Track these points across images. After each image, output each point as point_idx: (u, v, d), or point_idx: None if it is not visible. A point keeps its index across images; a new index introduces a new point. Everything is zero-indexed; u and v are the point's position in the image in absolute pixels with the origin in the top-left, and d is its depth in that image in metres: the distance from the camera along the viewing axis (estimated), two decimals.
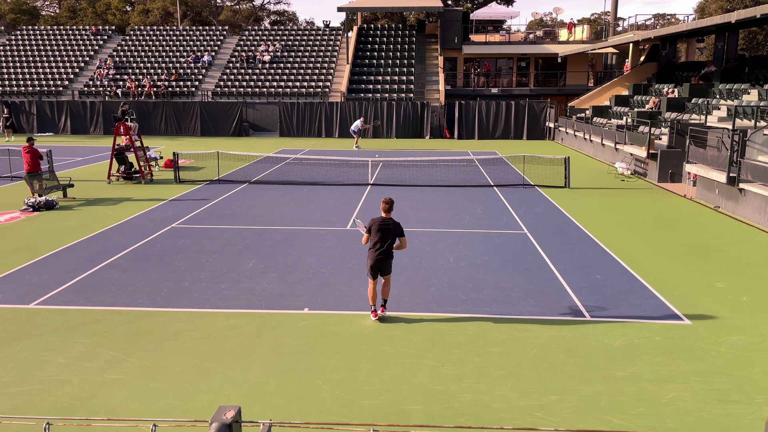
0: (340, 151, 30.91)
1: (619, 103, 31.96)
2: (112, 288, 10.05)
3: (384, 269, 8.64)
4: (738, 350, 7.85)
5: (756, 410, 6.41)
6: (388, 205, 8.70)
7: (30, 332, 8.31)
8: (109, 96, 41.78)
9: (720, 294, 9.97)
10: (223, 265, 11.33)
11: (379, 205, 16.97)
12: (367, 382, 6.97)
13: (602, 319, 8.82)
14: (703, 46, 48.73)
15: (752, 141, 16.08)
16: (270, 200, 17.63)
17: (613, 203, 17.58)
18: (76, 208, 16.58)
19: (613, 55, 48.80)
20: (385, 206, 8.69)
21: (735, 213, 16.03)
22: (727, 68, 27.96)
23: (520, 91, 44.54)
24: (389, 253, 8.58)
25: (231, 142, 35.56)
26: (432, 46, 45.64)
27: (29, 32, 49.85)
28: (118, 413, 6.28)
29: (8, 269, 11.02)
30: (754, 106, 19.75)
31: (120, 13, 74.20)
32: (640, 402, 6.56)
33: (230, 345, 7.94)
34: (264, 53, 45.01)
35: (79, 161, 26.65)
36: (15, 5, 73.91)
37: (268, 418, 6.18)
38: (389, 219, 8.63)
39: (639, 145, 22.89)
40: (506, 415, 6.31)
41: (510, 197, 18.25)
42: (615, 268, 11.30)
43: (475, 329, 8.45)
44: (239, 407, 3.68)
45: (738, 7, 50.49)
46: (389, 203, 8.72)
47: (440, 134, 39.28)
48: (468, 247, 12.66)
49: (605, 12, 74.77)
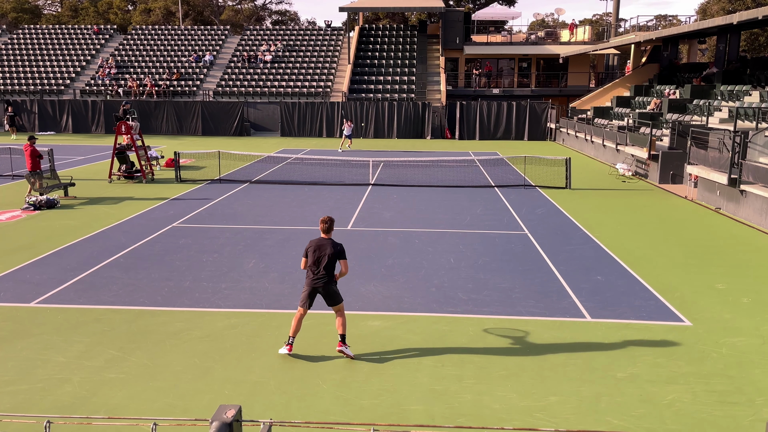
0: (341, 151, 30.91)
1: (621, 104, 31.95)
2: (113, 287, 10.05)
3: (330, 298, 7.60)
4: (738, 352, 7.85)
5: (756, 412, 6.41)
6: (327, 224, 7.66)
7: (30, 331, 8.32)
8: (110, 95, 41.81)
9: (721, 295, 9.97)
10: (223, 264, 11.33)
11: (379, 206, 17.08)
12: (367, 382, 6.97)
13: (603, 320, 8.81)
14: (705, 47, 48.73)
15: (753, 142, 16.07)
16: (271, 200, 17.64)
17: (614, 204, 17.57)
18: (77, 207, 16.59)
19: (615, 56, 48.77)
20: (324, 226, 7.67)
21: (736, 214, 16.02)
22: (729, 70, 27.93)
23: (522, 91, 44.53)
24: (330, 279, 7.55)
25: (232, 142, 35.57)
26: (433, 47, 45.64)
27: (31, 31, 49.88)
28: (118, 412, 6.28)
29: (9, 268, 11.03)
30: (756, 108, 19.74)
31: (122, 12, 74.23)
32: (640, 403, 6.56)
33: (231, 344, 7.94)
34: (265, 53, 45.02)
35: (81, 160, 26.66)
36: (17, 4, 73.97)
37: (269, 417, 6.19)
38: (328, 240, 7.61)
39: (640, 146, 22.88)
40: (506, 416, 6.31)
41: (511, 198, 18.25)
42: (615, 269, 11.29)
43: (475, 330, 8.45)
44: (240, 406, 3.68)
45: (740, 9, 50.46)
46: (327, 222, 7.67)
47: (441, 135, 39.28)
48: (469, 247, 12.65)
49: (607, 13, 74.79)
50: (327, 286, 7.55)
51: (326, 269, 7.53)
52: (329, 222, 7.68)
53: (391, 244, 12.82)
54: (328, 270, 7.54)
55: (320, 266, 7.51)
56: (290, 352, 7.60)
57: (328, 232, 7.66)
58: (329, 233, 7.67)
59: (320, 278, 7.53)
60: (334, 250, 7.52)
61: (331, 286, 7.59)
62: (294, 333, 7.62)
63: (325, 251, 7.51)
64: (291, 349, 7.61)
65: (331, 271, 7.57)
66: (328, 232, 7.66)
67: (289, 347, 7.61)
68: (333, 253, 7.51)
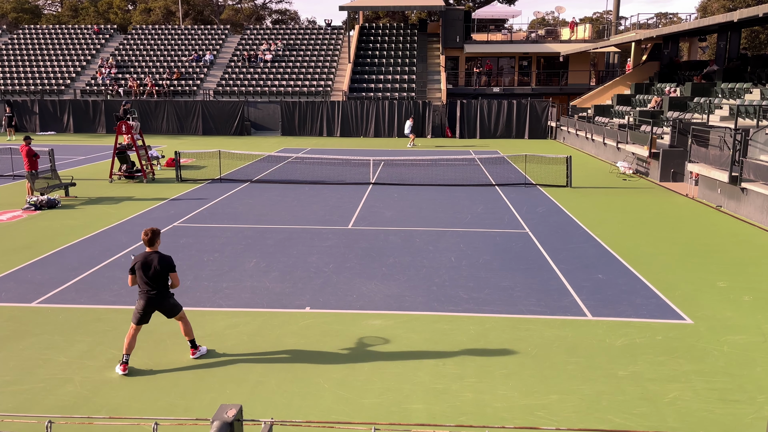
0: (342, 150, 30.91)
1: (621, 103, 31.92)
2: (114, 287, 10.06)
3: (168, 311, 7.31)
4: (740, 350, 7.84)
5: (758, 410, 6.40)
6: (149, 236, 7.20)
7: (32, 331, 8.32)
8: (110, 95, 41.81)
9: (722, 293, 9.96)
10: (224, 264, 11.33)
11: (380, 205, 17.09)
12: (368, 381, 6.97)
13: (604, 319, 8.81)
14: (706, 45, 48.68)
15: (754, 140, 16.06)
16: (271, 199, 17.64)
17: (614, 202, 17.56)
18: (78, 206, 16.59)
19: (615, 54, 48.73)
20: (146, 238, 7.21)
21: (737, 212, 16.01)
22: (730, 67, 27.90)
23: (522, 90, 44.50)
24: (164, 293, 7.22)
25: (232, 141, 35.57)
26: (434, 45, 45.61)
27: (31, 31, 49.88)
28: (119, 412, 6.29)
29: (10, 268, 11.04)
30: (757, 106, 19.71)
31: (122, 12, 74.21)
32: (641, 401, 6.55)
33: (232, 344, 7.94)
34: (266, 52, 45.01)
35: (81, 160, 26.67)
36: (17, 4, 73.98)
37: (270, 416, 6.19)
38: (153, 254, 7.17)
39: (641, 145, 22.86)
40: (508, 414, 6.31)
41: (511, 196, 18.24)
42: (616, 267, 11.29)
43: (476, 328, 8.45)
44: (240, 406, 3.68)
45: (740, 6, 50.41)
46: (149, 234, 7.21)
47: (442, 133, 39.27)
48: (469, 246, 12.65)
49: (607, 11, 74.71)
50: (163, 300, 7.24)
51: (157, 284, 7.15)
52: (150, 233, 7.21)
53: (392, 243, 12.82)
54: (160, 284, 7.18)
55: (150, 281, 7.13)
56: (124, 371, 7.11)
57: (152, 245, 7.21)
58: (153, 246, 7.22)
59: (153, 293, 7.16)
60: (162, 264, 7.12)
61: (166, 300, 7.26)
62: (128, 350, 7.16)
63: (153, 266, 7.10)
64: (126, 368, 7.12)
65: (164, 285, 7.21)
66: (151, 244, 7.21)
67: (124, 366, 7.13)
68: (162, 267, 7.12)
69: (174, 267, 7.25)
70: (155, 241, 7.24)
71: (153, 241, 7.22)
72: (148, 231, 7.23)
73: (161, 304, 7.24)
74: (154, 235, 7.23)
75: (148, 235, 7.22)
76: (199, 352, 7.58)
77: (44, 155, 21.35)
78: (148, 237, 7.21)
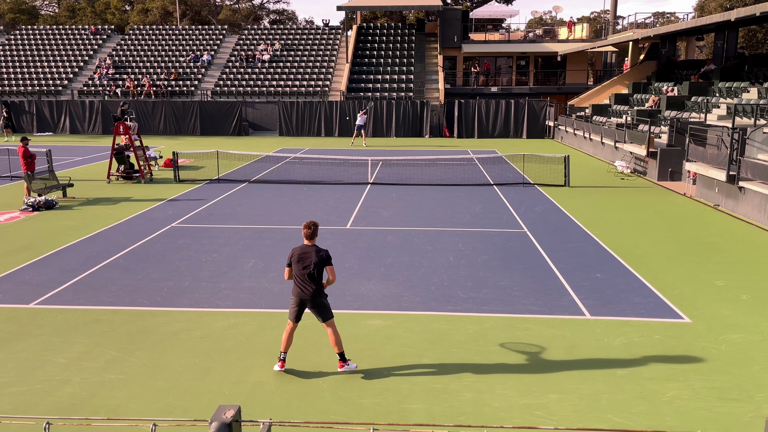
0: (340, 150, 30.91)
1: (619, 102, 31.95)
2: (112, 288, 10.05)
3: (319, 312, 7.07)
4: (738, 348, 7.85)
5: (756, 408, 6.41)
6: (310, 230, 7.06)
7: (30, 332, 8.31)
8: (108, 95, 41.76)
9: (720, 292, 9.98)
10: (222, 264, 11.33)
11: (378, 205, 17.09)
12: (367, 381, 6.97)
13: (602, 318, 8.82)
14: (703, 44, 48.75)
15: (752, 139, 16.08)
16: (270, 199, 17.63)
17: (612, 202, 17.57)
18: (75, 207, 16.57)
19: (613, 53, 48.76)
20: (307, 232, 7.06)
21: (735, 211, 16.03)
22: (727, 66, 27.94)
23: (520, 89, 44.50)
24: (318, 290, 7.01)
25: (230, 142, 35.55)
26: (431, 45, 45.62)
27: (28, 32, 49.81)
28: (118, 413, 6.28)
29: (8, 269, 11.02)
30: (754, 105, 19.74)
31: (119, 12, 74.12)
32: (640, 400, 6.56)
33: (230, 344, 7.94)
34: (263, 52, 44.98)
35: (79, 161, 26.64)
36: (14, 5, 73.84)
37: (268, 417, 6.19)
38: (311, 247, 7.05)
39: (639, 144, 22.88)
40: (506, 414, 6.31)
41: (510, 196, 18.25)
42: (615, 266, 11.30)
43: (475, 328, 8.45)
44: (239, 406, 3.68)
45: (737, 6, 50.48)
46: (310, 227, 7.07)
47: (440, 133, 39.26)
48: (468, 245, 12.66)
49: (605, 10, 74.70)
50: (317, 298, 7.01)
51: (313, 279, 6.98)
52: (311, 227, 7.06)
53: (391, 243, 12.82)
54: (315, 280, 7.00)
55: (307, 276, 6.97)
56: (282, 368, 7.16)
57: (312, 238, 7.07)
58: (312, 239, 7.08)
59: (308, 289, 7.00)
60: (320, 258, 6.96)
61: (320, 299, 7.03)
62: (286, 347, 7.18)
63: (311, 259, 6.96)
64: (283, 365, 7.18)
65: (318, 281, 7.01)
66: (311, 237, 7.07)
67: (282, 363, 7.18)
68: (320, 262, 6.96)
69: (330, 260, 7.05)
70: (316, 234, 7.09)
71: (314, 234, 7.06)
72: (310, 224, 7.09)
73: (314, 300, 7.02)
74: (315, 228, 7.08)
75: (310, 228, 7.06)
76: (347, 366, 7.18)
77: (42, 156, 21.33)
78: (310, 230, 7.05)
